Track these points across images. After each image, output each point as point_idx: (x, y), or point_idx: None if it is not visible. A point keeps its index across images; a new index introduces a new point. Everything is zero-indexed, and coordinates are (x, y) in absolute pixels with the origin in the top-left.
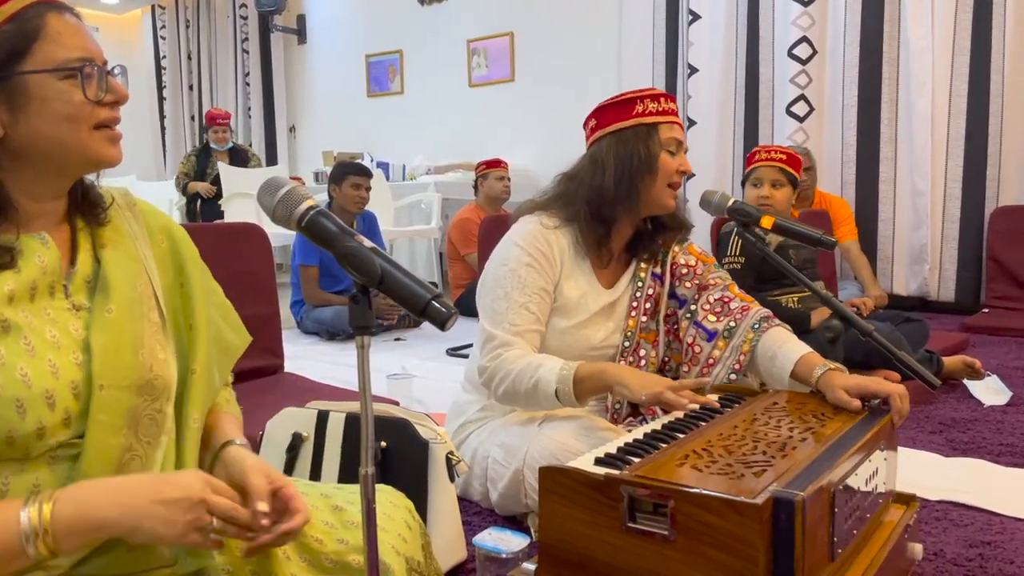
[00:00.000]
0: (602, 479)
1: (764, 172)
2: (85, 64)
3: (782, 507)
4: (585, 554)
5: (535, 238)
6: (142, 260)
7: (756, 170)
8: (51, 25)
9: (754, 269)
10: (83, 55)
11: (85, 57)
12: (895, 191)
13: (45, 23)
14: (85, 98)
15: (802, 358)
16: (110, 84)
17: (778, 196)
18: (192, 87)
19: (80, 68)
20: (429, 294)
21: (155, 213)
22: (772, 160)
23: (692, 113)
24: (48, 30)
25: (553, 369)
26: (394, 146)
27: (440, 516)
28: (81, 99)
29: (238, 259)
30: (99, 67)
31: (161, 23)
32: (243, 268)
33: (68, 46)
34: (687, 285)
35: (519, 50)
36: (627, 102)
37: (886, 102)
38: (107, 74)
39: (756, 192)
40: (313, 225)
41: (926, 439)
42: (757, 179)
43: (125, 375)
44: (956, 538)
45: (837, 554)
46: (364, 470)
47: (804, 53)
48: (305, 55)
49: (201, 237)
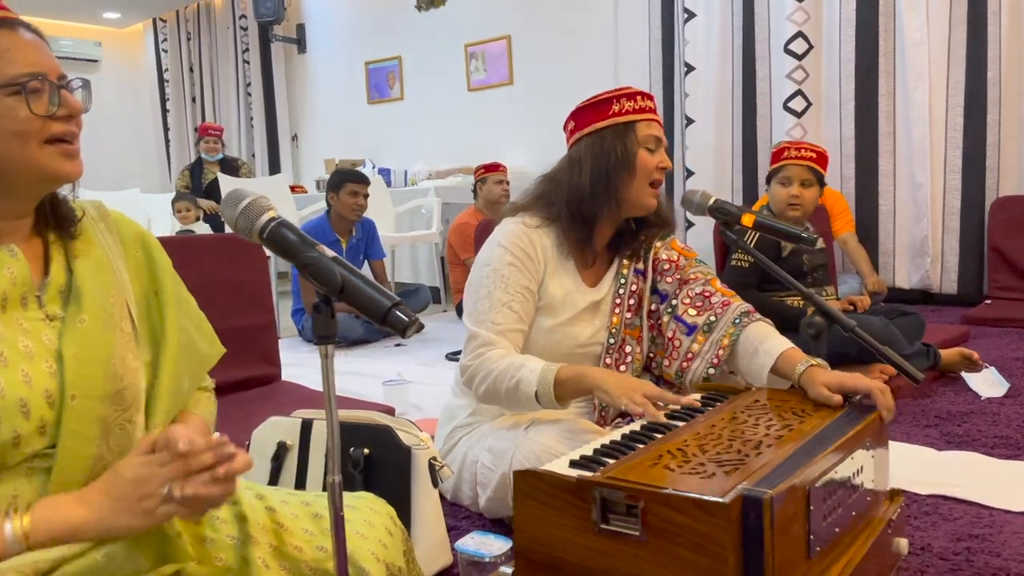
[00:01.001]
0: (574, 482)
1: (794, 171)
2: (32, 79)
3: (751, 505)
4: (560, 556)
5: (518, 237)
6: (115, 270)
7: (785, 168)
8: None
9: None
10: (32, 70)
11: (34, 72)
12: (895, 184)
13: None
14: (32, 113)
15: (783, 354)
16: (63, 98)
17: (807, 196)
18: (195, 99)
19: (25, 83)
20: (389, 302)
21: (128, 224)
22: (802, 159)
23: (690, 111)
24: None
25: (534, 370)
26: (395, 152)
27: (424, 521)
28: (27, 114)
29: (233, 269)
30: (51, 82)
31: (163, 36)
32: (239, 278)
33: (16, 62)
34: (668, 280)
35: (517, 53)
36: (603, 102)
37: (883, 95)
38: (60, 88)
39: (786, 191)
40: (274, 236)
41: (921, 433)
42: (786, 178)
43: (96, 385)
44: (945, 532)
45: (815, 551)
46: (331, 478)
47: (800, 48)
48: (306, 64)
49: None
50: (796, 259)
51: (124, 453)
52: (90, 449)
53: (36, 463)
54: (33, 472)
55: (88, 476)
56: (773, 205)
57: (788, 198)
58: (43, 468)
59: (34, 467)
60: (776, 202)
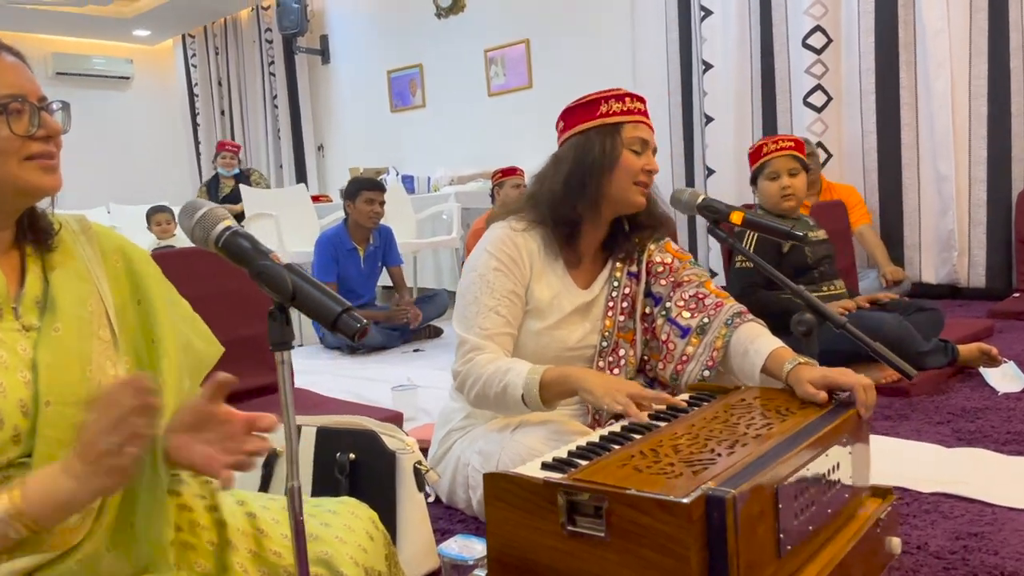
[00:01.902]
0: (541, 484)
1: (779, 163)
2: (12, 100)
3: (714, 505)
4: (531, 559)
5: (502, 242)
6: (94, 280)
7: (769, 163)
8: None
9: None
10: (12, 92)
11: (14, 94)
12: (919, 177)
13: None
14: (11, 133)
15: (773, 353)
16: (42, 119)
17: (798, 184)
18: (224, 112)
19: (6, 105)
20: (340, 307)
21: (109, 235)
22: (783, 150)
23: (709, 109)
24: None
25: (520, 373)
26: (418, 159)
27: (409, 526)
28: (7, 134)
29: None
30: (31, 103)
31: (192, 51)
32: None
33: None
34: (662, 283)
35: (535, 57)
36: (592, 103)
37: (905, 87)
38: (40, 110)
39: (776, 184)
40: (229, 245)
41: (932, 430)
42: (773, 172)
43: (72, 391)
44: (943, 530)
45: (786, 550)
46: (290, 483)
47: (819, 42)
48: (329, 75)
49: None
50: (799, 254)
51: None
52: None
53: (12, 472)
54: (10, 479)
55: None
56: (765, 202)
57: (780, 191)
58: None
59: (10, 475)
60: (768, 197)
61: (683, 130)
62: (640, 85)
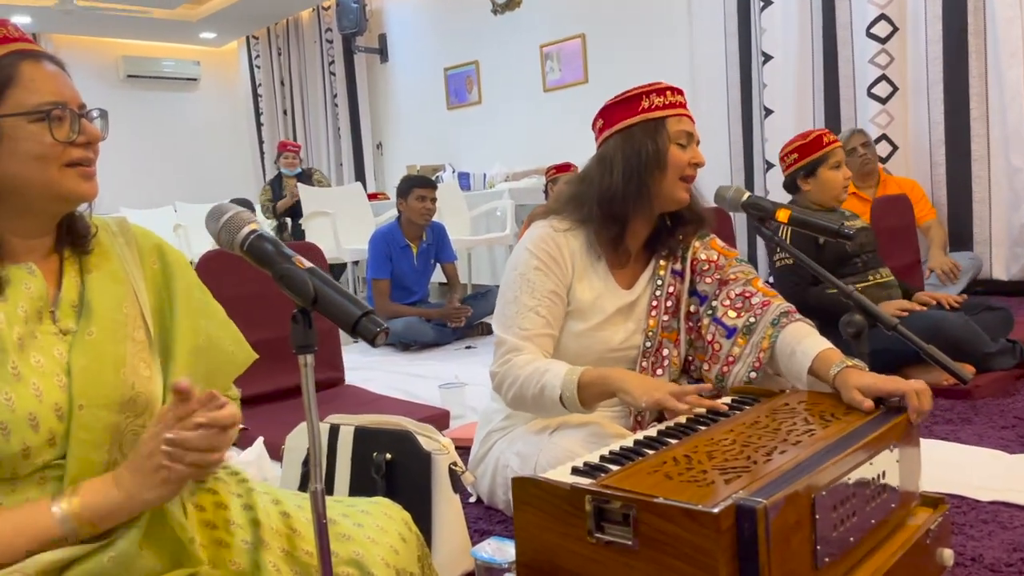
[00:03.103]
0: (568, 489)
1: (839, 153)
2: (55, 108)
3: (744, 515)
4: (557, 564)
5: (544, 242)
6: (131, 282)
7: (833, 152)
8: (24, 73)
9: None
10: (55, 99)
11: (56, 101)
12: (989, 170)
13: (19, 71)
14: (54, 139)
15: (820, 355)
16: (83, 126)
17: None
18: (286, 112)
19: (49, 111)
20: (360, 311)
21: (147, 236)
22: (835, 142)
23: (768, 102)
24: (21, 77)
25: (559, 374)
26: (474, 156)
27: (444, 527)
28: (50, 140)
29: None
30: (71, 110)
31: (256, 52)
32: None
33: (40, 91)
34: (708, 281)
35: (591, 52)
36: (632, 98)
37: (974, 76)
38: (80, 117)
39: (841, 174)
40: (253, 248)
41: (996, 435)
42: (837, 162)
43: (106, 394)
44: (1001, 542)
45: (824, 563)
46: (313, 486)
47: (883, 31)
48: (388, 73)
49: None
50: (837, 244)
51: None
52: (100, 456)
53: (48, 472)
54: (45, 481)
55: None
56: (825, 193)
57: (844, 180)
58: (55, 477)
59: (46, 476)
60: (832, 188)
61: (742, 124)
62: (697, 78)
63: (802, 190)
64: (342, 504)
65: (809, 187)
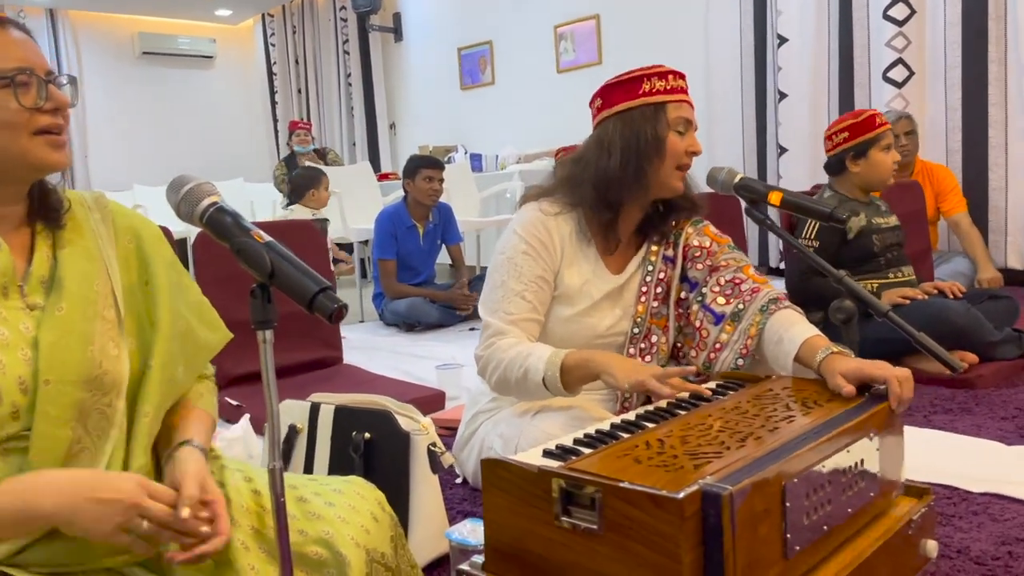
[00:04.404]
0: (536, 472)
1: (890, 135)
2: (20, 73)
3: (709, 501)
4: (525, 547)
5: (533, 226)
6: (103, 259)
7: (885, 135)
8: None
9: (830, 253)
10: (20, 65)
11: (22, 67)
12: (1007, 157)
13: None
14: (20, 105)
15: (807, 341)
16: (50, 92)
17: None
18: (300, 90)
19: (13, 77)
20: (317, 287)
21: (125, 214)
22: (886, 124)
23: (783, 85)
24: None
25: (542, 357)
26: (487, 137)
27: (422, 508)
28: (16, 106)
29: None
30: (38, 76)
31: (271, 30)
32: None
33: (5, 57)
34: (699, 267)
35: (605, 32)
36: (633, 80)
37: (993, 61)
38: (47, 83)
39: (890, 157)
40: (213, 221)
41: (994, 425)
42: (888, 144)
43: (72, 370)
44: (989, 534)
45: (794, 551)
46: (271, 464)
47: (901, 14)
48: (402, 52)
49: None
50: (865, 240)
51: (104, 436)
52: (65, 432)
53: (12, 444)
54: (9, 453)
55: (64, 457)
56: (874, 176)
57: (894, 164)
58: (19, 449)
59: (10, 448)
60: (882, 171)
61: (756, 107)
62: (712, 60)
63: (849, 171)
64: (315, 483)
65: (859, 168)
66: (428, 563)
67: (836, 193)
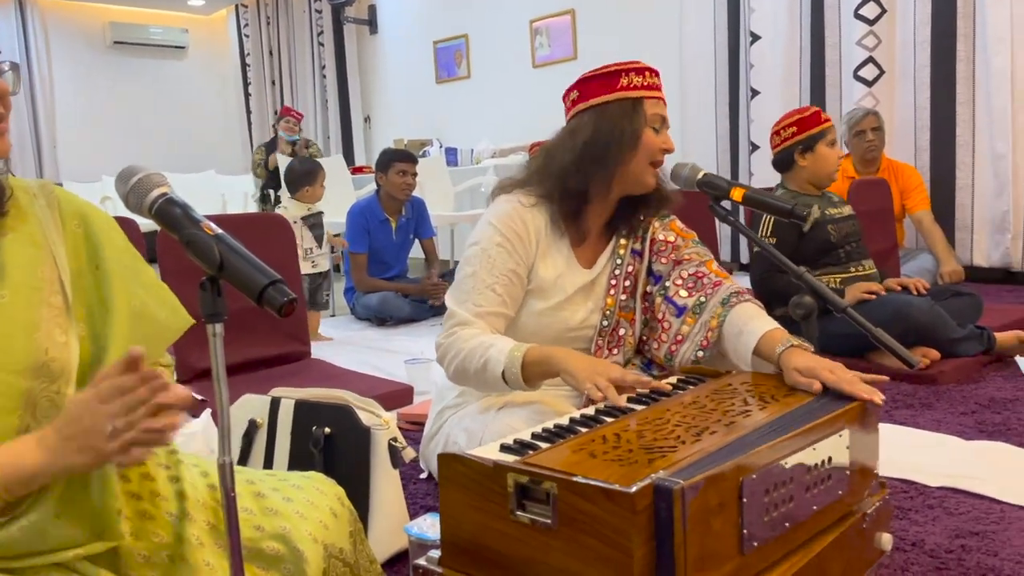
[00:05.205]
0: (491, 467)
1: (834, 132)
2: None
3: (662, 496)
4: (480, 543)
5: (510, 218)
6: (48, 245)
7: (830, 131)
8: None
9: (790, 248)
10: None
11: None
12: (973, 156)
13: None
14: None
15: (766, 335)
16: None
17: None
18: (274, 82)
19: None
20: (267, 280)
21: (71, 200)
22: (829, 120)
23: (755, 83)
24: None
25: (503, 350)
26: (462, 131)
27: (382, 503)
28: None
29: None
30: None
31: (244, 21)
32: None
33: None
34: (663, 261)
35: (581, 28)
36: (611, 75)
37: (961, 60)
38: None
39: (836, 152)
40: (162, 212)
41: (955, 420)
42: (833, 140)
43: (17, 359)
44: (944, 527)
45: (751, 547)
46: (221, 459)
47: (872, 13)
48: (377, 45)
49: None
50: (821, 232)
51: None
52: (12, 421)
53: None
54: None
55: None
56: (820, 171)
57: (839, 159)
58: None
59: None
60: (828, 165)
61: (728, 104)
62: (686, 57)
63: (798, 166)
64: (274, 478)
65: (807, 163)
66: (388, 558)
67: (787, 190)
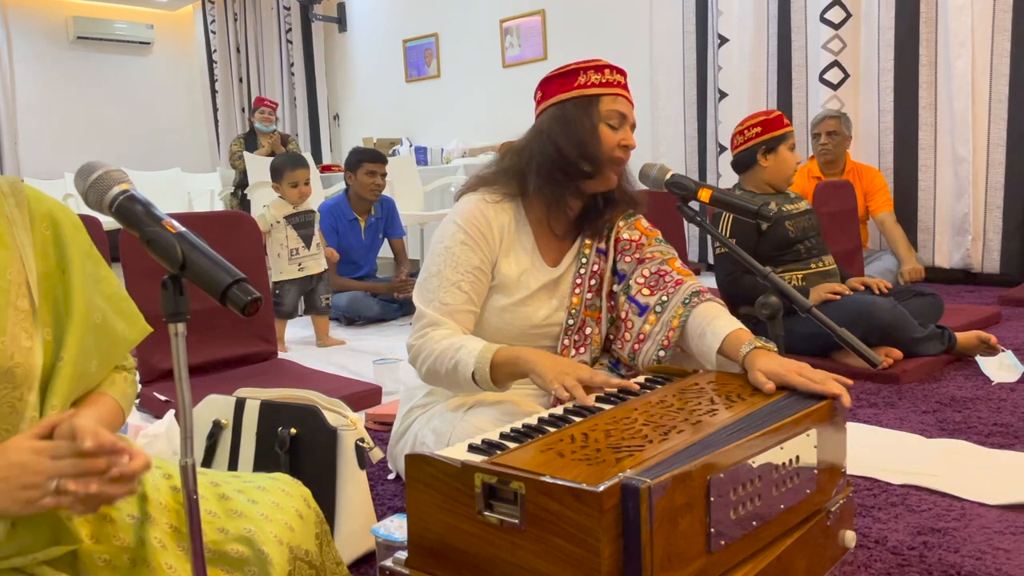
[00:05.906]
0: (459, 467)
1: (794, 136)
2: None
3: (628, 494)
4: (447, 543)
5: (472, 215)
6: (17, 247)
7: (791, 135)
8: None
9: (749, 247)
10: None
11: None
12: (935, 158)
13: None
14: None
15: (730, 335)
16: None
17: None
18: (242, 79)
19: None
20: (230, 278)
21: (41, 200)
22: (790, 124)
23: (723, 85)
24: None
25: (473, 352)
26: (432, 130)
27: (348, 505)
28: None
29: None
30: None
31: (211, 17)
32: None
33: None
34: (627, 260)
35: (551, 28)
36: (570, 73)
37: (924, 65)
38: None
39: (795, 157)
40: (122, 210)
41: (916, 419)
42: (793, 144)
43: None
44: (906, 525)
45: (719, 546)
46: (184, 461)
47: (837, 17)
48: (346, 43)
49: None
50: (779, 228)
51: (14, 431)
52: None
53: None
54: None
55: None
56: (778, 173)
57: (797, 163)
58: None
59: None
60: (788, 167)
61: (696, 106)
62: (656, 59)
63: (759, 166)
64: (239, 479)
65: (768, 163)
66: (355, 560)
67: (745, 191)
